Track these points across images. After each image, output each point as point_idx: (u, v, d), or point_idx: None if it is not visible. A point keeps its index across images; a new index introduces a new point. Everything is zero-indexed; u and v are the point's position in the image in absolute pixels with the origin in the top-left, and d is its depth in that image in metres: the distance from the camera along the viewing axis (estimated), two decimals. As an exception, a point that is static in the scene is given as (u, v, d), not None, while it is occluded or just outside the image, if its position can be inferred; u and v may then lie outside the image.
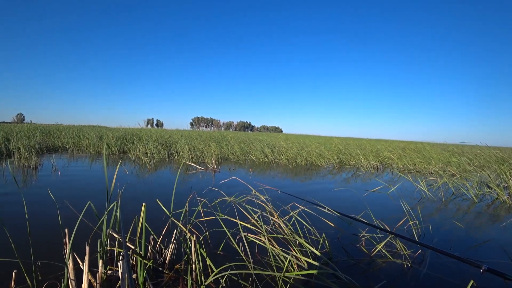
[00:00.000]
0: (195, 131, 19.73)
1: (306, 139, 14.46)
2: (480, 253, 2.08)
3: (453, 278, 1.64)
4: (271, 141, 11.21)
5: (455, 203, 3.71)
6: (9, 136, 7.99)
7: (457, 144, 16.79)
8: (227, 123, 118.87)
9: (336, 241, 2.13)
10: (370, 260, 1.84)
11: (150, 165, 5.75)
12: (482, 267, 1.10)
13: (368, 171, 6.85)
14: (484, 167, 6.22)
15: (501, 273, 1.08)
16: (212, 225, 2.15)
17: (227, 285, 1.40)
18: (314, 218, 2.37)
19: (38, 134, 9.69)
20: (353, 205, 3.25)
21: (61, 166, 5.12)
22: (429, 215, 3.04)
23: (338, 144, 11.48)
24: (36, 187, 3.39)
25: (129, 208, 2.63)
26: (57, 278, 1.40)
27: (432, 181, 5.06)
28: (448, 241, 2.28)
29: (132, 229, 1.96)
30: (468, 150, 11.08)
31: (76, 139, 9.06)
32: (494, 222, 2.94)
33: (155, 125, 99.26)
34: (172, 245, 1.60)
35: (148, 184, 3.92)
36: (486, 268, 1.10)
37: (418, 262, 1.84)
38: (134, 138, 9.24)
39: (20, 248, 1.48)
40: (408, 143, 17.13)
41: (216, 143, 9.05)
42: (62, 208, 2.52)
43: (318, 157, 7.88)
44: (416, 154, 8.83)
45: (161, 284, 1.43)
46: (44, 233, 1.98)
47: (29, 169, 4.63)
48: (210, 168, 5.69)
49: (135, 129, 14.85)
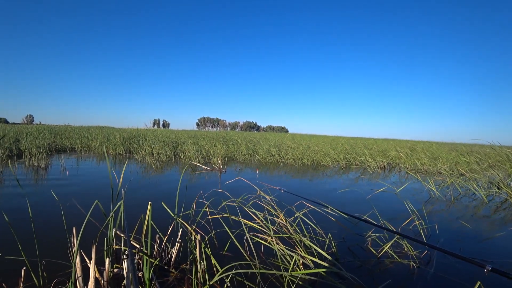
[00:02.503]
0: (201, 131, 19.84)
1: (312, 139, 14.38)
2: (488, 253, 2.04)
3: (460, 279, 1.61)
4: (277, 141, 11.18)
5: (463, 203, 3.64)
6: (19, 137, 8.17)
7: (465, 143, 16.47)
8: (233, 123, 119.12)
9: (342, 242, 2.11)
10: (377, 260, 1.82)
11: (156, 166, 5.80)
12: (486, 267, 1.09)
13: (375, 171, 6.78)
14: (495, 167, 6.07)
15: (505, 273, 1.07)
16: (218, 225, 2.16)
17: (232, 285, 1.40)
18: (320, 218, 2.36)
19: (47, 135, 9.88)
20: (359, 205, 3.22)
21: (70, 166, 5.22)
22: (437, 215, 2.99)
23: (344, 144, 11.38)
24: (47, 187, 3.46)
25: (136, 208, 2.66)
26: (64, 276, 1.42)
27: (440, 181, 4.98)
28: (455, 242, 2.23)
29: (139, 228, 1.98)
30: (478, 149, 10.86)
31: (84, 140, 9.20)
32: (503, 223, 2.87)
33: (162, 126, 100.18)
34: (178, 245, 1.61)
35: (154, 184, 3.96)
36: (490, 268, 1.09)
37: (425, 263, 1.81)
38: (140, 138, 9.34)
39: (27, 247, 1.51)
40: (416, 142, 16.87)
41: (222, 143, 9.08)
42: (70, 208, 2.56)
43: (325, 156, 7.83)
44: (424, 154, 8.70)
45: (166, 282, 1.44)
46: (52, 231, 2.02)
47: (39, 169, 4.73)
48: (216, 168, 5.71)
49: (141, 129, 15.00)
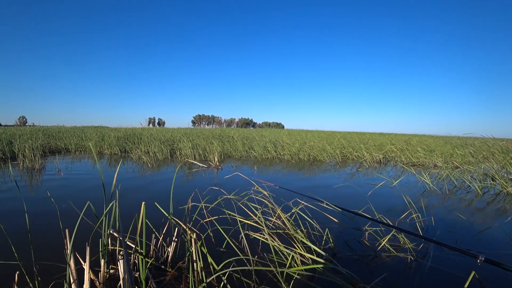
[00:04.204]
0: (197, 129, 19.76)
1: (308, 134, 14.40)
2: (484, 245, 2.06)
3: (457, 271, 1.63)
4: (273, 137, 11.19)
5: (458, 195, 3.68)
6: (12, 139, 8.05)
7: (460, 136, 16.64)
8: (229, 120, 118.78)
9: (340, 236, 2.12)
10: (374, 254, 1.83)
11: (152, 164, 5.76)
12: (479, 257, 1.11)
13: (371, 165, 6.82)
14: (489, 158, 6.14)
15: (498, 263, 1.09)
16: (214, 223, 2.15)
17: (229, 282, 1.40)
18: (317, 214, 2.36)
19: (41, 136, 9.75)
20: (356, 200, 3.23)
21: (64, 167, 5.15)
22: (433, 208, 3.02)
23: (340, 138, 11.42)
24: (41, 189, 3.42)
25: (132, 207, 2.64)
26: (60, 278, 1.41)
27: (435, 174, 5.02)
28: (450, 234, 2.26)
29: (135, 228, 1.97)
30: (472, 142, 10.98)
31: (78, 140, 9.10)
32: (498, 215, 2.91)
33: (157, 124, 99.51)
34: (174, 243, 1.60)
35: (150, 182, 3.93)
36: (483, 258, 1.11)
37: (422, 256, 1.83)
38: (135, 138, 9.26)
39: (22, 250, 1.49)
40: (411, 136, 17.00)
41: (219, 140, 9.05)
42: (64, 209, 2.53)
43: (321, 152, 7.85)
44: (419, 147, 8.77)
45: (163, 282, 1.43)
46: (47, 234, 1.99)
47: (33, 171, 4.67)
48: (213, 165, 5.69)
49: (137, 128, 14.89)
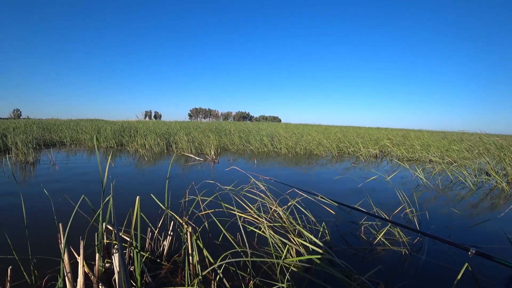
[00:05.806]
0: (194, 122, 19.65)
1: (305, 128, 14.40)
2: (477, 239, 2.09)
3: (450, 264, 1.65)
4: (270, 130, 11.17)
5: (453, 190, 3.72)
6: (6, 132, 7.92)
7: (456, 131, 16.80)
8: (226, 114, 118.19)
9: (336, 230, 2.13)
10: (370, 248, 1.85)
11: (148, 157, 5.73)
12: (470, 250, 1.14)
13: (367, 159, 6.86)
14: (484, 154, 6.20)
15: (488, 255, 1.12)
16: (211, 216, 2.14)
17: (225, 276, 1.40)
18: (314, 208, 2.37)
19: (35, 129, 9.61)
20: (352, 194, 3.25)
21: (59, 160, 5.10)
22: (427, 202, 3.05)
23: (337, 132, 11.44)
24: (34, 183, 3.38)
25: (128, 201, 2.63)
26: (56, 272, 1.40)
27: (430, 169, 5.07)
28: (444, 228, 2.28)
29: (130, 221, 1.95)
30: (467, 137, 11.07)
31: (74, 133, 9.00)
32: (492, 209, 2.95)
33: (153, 117, 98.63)
34: (170, 237, 1.59)
35: (147, 175, 3.91)
36: (474, 251, 1.13)
37: (417, 249, 1.85)
38: (132, 131, 9.18)
39: (18, 244, 1.47)
40: (408, 131, 17.11)
41: (215, 134, 9.02)
42: (60, 203, 2.51)
43: (318, 146, 7.86)
44: (415, 142, 8.82)
45: (159, 275, 1.43)
46: (43, 228, 1.97)
47: (27, 164, 4.60)
48: (209, 159, 5.68)
49: (133, 121, 14.77)
